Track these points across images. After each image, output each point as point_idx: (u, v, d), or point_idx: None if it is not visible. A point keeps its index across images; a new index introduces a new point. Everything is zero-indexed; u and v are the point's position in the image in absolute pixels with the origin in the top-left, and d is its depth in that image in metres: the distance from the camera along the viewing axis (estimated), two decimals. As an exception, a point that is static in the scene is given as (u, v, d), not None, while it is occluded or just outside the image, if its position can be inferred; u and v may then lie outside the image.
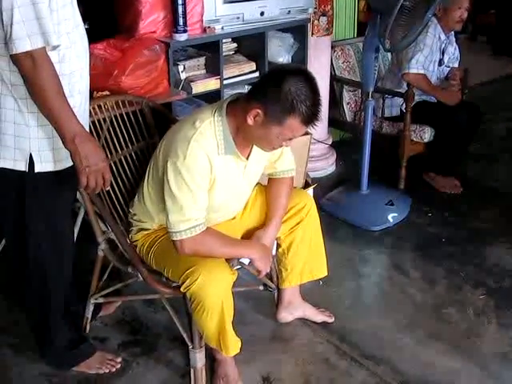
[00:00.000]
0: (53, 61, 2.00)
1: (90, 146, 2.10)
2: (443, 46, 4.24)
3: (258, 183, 2.69)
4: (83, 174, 2.10)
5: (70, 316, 2.60)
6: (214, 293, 2.24)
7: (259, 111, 2.18)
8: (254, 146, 2.40)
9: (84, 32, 2.22)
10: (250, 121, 2.21)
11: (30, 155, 2.14)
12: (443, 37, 4.21)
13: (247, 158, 2.41)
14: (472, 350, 2.82)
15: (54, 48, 2.01)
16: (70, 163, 2.18)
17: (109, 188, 2.33)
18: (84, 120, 2.24)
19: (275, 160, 2.59)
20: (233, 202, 2.53)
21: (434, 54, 4.18)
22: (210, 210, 2.35)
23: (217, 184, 2.33)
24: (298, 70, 2.24)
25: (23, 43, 1.91)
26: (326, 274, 2.90)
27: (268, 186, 2.67)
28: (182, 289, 2.28)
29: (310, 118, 2.21)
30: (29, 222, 2.29)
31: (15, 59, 1.95)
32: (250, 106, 2.21)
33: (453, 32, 4.33)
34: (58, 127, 2.04)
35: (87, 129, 2.28)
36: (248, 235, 2.63)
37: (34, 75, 1.95)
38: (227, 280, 2.29)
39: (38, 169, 2.16)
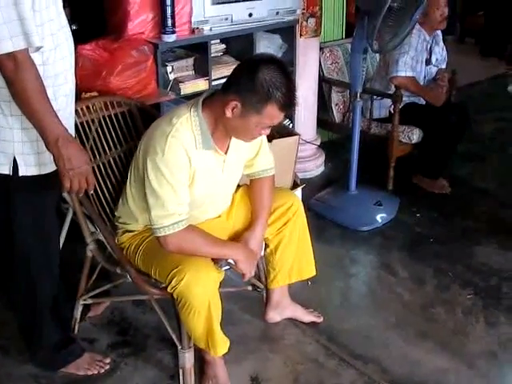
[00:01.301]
0: (36, 63, 1.98)
1: (73, 149, 2.07)
2: (429, 45, 4.27)
3: (244, 184, 2.70)
4: (66, 177, 2.08)
5: (59, 317, 2.59)
6: (201, 292, 2.24)
7: (237, 103, 2.20)
8: (232, 141, 2.42)
9: (70, 34, 2.20)
10: (228, 113, 2.23)
11: (14, 159, 2.11)
12: (428, 38, 4.24)
13: (226, 153, 2.43)
14: (460, 348, 2.83)
15: (37, 49, 1.98)
16: (55, 167, 2.15)
17: (92, 191, 2.31)
18: (69, 124, 2.22)
19: (253, 157, 2.60)
20: (215, 198, 2.54)
21: (419, 54, 4.20)
22: (192, 207, 2.36)
23: (197, 179, 2.34)
24: (271, 59, 2.26)
25: (5, 44, 1.88)
26: (314, 273, 2.90)
27: (250, 188, 2.68)
28: (168, 289, 2.28)
29: (287, 104, 2.24)
30: (15, 224, 2.28)
31: None
32: (226, 98, 2.23)
33: (439, 32, 4.36)
34: (40, 129, 2.02)
35: (73, 132, 2.26)
36: (235, 237, 2.64)
37: (17, 77, 1.93)
38: (213, 279, 2.29)
39: (21, 172, 2.14)
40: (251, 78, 2.18)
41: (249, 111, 2.22)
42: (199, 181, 2.35)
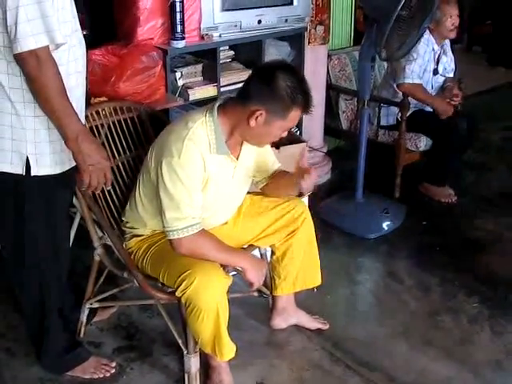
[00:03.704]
0: None
1: (93, 145, 2.13)
2: (436, 55, 4.27)
3: (252, 192, 2.72)
4: (86, 173, 2.13)
5: (66, 320, 2.60)
6: (210, 296, 2.25)
7: (261, 112, 2.25)
8: (243, 148, 2.46)
9: (82, 38, 2.24)
10: (252, 122, 2.27)
11: (27, 158, 2.14)
12: (436, 47, 4.23)
13: (237, 159, 2.46)
14: (466, 357, 2.83)
15: (58, 47, 2.03)
16: (67, 167, 2.22)
17: (109, 188, 2.36)
18: None
19: (265, 165, 2.66)
20: (223, 204, 2.55)
21: (427, 64, 4.20)
22: (202, 212, 2.37)
23: (209, 184, 2.36)
24: (284, 65, 2.35)
25: (28, 42, 1.93)
26: (319, 283, 2.91)
27: (273, 180, 2.69)
28: (177, 293, 2.29)
29: (308, 106, 2.33)
30: (27, 225, 2.29)
31: (19, 58, 1.97)
32: (248, 108, 2.27)
33: (448, 42, 4.36)
34: (60, 126, 2.06)
35: None
36: (240, 244, 2.67)
37: (38, 74, 1.97)
38: (223, 284, 2.30)
39: (34, 172, 2.16)
40: (272, 87, 2.24)
41: (273, 118, 2.28)
42: (211, 186, 2.37)
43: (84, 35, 2.27)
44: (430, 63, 4.24)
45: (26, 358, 2.72)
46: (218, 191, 2.44)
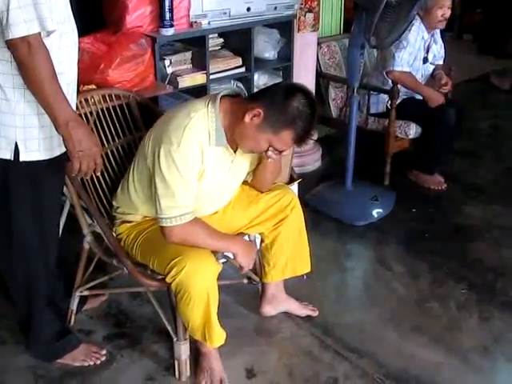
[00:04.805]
0: None
1: (83, 131, 2.13)
2: (426, 44, 4.27)
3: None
4: (76, 159, 2.13)
5: (56, 308, 2.60)
6: (200, 282, 2.26)
7: (261, 112, 2.25)
8: None
9: (75, 26, 2.24)
10: (247, 118, 2.26)
11: (16, 144, 2.15)
12: (426, 35, 4.23)
13: (235, 152, 2.45)
14: (454, 342, 2.85)
15: (49, 34, 2.03)
16: (57, 153, 2.22)
17: (99, 173, 2.38)
18: None
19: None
20: (217, 195, 2.56)
21: (417, 52, 4.20)
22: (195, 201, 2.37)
23: (205, 174, 2.36)
24: (309, 93, 2.34)
25: (19, 28, 1.93)
26: (308, 270, 2.92)
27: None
28: (167, 279, 2.30)
29: (302, 138, 2.32)
30: (15, 210, 2.30)
31: (11, 45, 1.97)
32: (252, 105, 2.27)
33: (438, 30, 4.36)
34: (51, 112, 2.07)
35: None
36: (231, 231, 2.66)
37: (30, 60, 1.97)
38: (213, 270, 2.31)
39: (22, 158, 2.17)
40: (284, 100, 2.25)
41: (267, 126, 2.27)
42: (207, 177, 2.38)
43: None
44: (420, 52, 4.24)
45: (16, 346, 2.72)
46: (213, 183, 2.44)
